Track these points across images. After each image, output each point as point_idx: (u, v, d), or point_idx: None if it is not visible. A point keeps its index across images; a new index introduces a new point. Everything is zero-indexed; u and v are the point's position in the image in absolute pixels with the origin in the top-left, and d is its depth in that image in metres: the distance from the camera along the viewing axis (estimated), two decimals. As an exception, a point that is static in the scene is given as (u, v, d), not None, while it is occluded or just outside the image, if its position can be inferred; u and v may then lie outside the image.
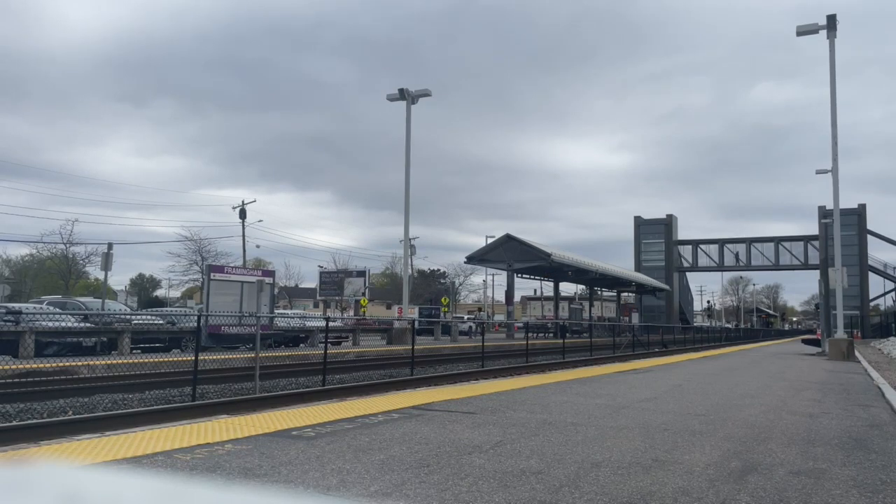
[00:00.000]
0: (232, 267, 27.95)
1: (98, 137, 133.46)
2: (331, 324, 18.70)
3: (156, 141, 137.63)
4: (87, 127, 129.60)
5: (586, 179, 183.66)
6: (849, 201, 69.33)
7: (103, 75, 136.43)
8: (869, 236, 71.83)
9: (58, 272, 65.35)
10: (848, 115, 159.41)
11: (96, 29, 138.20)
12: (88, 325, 20.83)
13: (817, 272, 64.56)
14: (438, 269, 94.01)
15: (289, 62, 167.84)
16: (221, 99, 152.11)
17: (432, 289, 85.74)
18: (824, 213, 61.83)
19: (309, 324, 29.87)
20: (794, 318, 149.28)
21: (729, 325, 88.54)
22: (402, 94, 32.12)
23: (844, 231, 49.52)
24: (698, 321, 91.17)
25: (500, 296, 78.31)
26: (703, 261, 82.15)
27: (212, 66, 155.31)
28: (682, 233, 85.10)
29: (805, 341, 39.55)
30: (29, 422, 9.02)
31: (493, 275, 79.05)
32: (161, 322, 24.35)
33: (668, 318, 74.41)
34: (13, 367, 14.09)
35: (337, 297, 65.50)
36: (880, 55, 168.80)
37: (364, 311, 53.59)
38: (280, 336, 27.25)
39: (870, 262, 71.82)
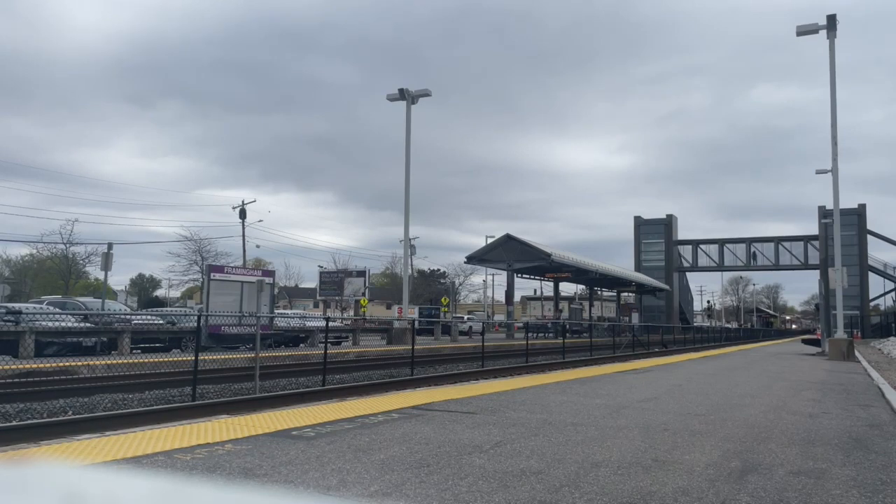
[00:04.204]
0: (232, 267, 27.97)
1: (104, 139, 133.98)
2: (331, 324, 18.70)
3: (161, 142, 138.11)
4: (94, 128, 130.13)
5: (587, 180, 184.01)
6: (849, 201, 69.50)
7: (110, 77, 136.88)
8: (869, 236, 71.82)
9: (58, 272, 65.33)
10: (848, 116, 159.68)
11: (104, 31, 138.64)
12: (88, 325, 20.81)
13: (817, 272, 64.57)
14: (438, 269, 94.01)
15: (292, 64, 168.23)
16: (226, 100, 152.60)
17: (432, 289, 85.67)
18: (824, 213, 61.81)
19: (309, 324, 29.88)
20: (789, 318, 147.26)
21: (729, 325, 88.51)
22: (402, 94, 32.18)
23: (844, 231, 49.52)
24: (698, 321, 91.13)
25: (500, 296, 78.33)
26: (703, 261, 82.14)
27: (217, 69, 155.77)
28: (683, 233, 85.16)
29: (805, 341, 39.55)
30: (29, 422, 9.01)
31: (493, 275, 79.00)
32: (161, 322, 24.35)
33: (668, 318, 74.39)
34: (13, 367, 14.09)
35: (337, 297, 65.49)
36: (880, 56, 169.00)
37: (364, 311, 53.57)
38: (280, 336, 27.24)
39: (870, 262, 71.81)
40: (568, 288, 76.63)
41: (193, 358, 11.87)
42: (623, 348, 29.99)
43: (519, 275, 50.91)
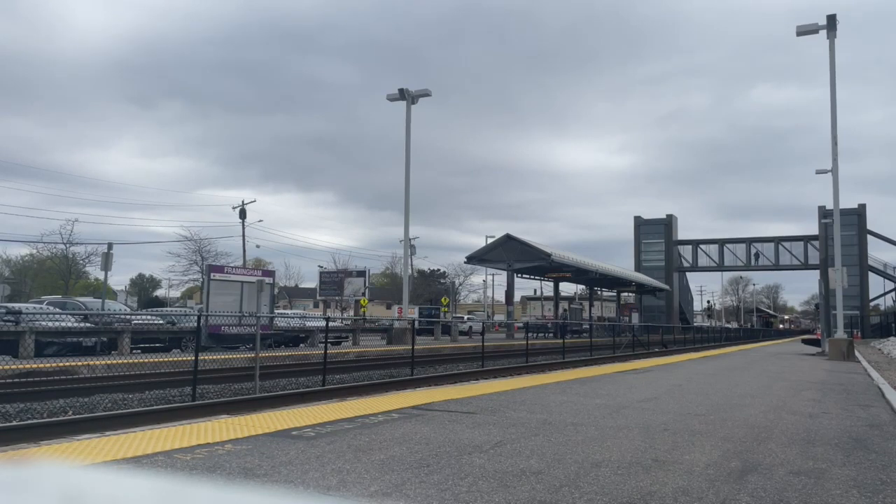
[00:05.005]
0: (232, 267, 27.96)
1: (105, 139, 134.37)
2: (331, 324, 18.69)
3: (161, 142, 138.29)
4: (95, 128, 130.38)
5: (588, 180, 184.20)
6: (849, 201, 69.41)
7: (111, 77, 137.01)
8: (869, 236, 71.76)
9: (58, 272, 65.31)
10: (848, 117, 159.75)
11: (106, 31, 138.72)
12: (88, 325, 20.81)
13: (817, 272, 64.54)
14: (438, 269, 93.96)
15: (293, 64, 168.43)
16: (226, 101, 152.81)
17: (432, 289, 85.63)
18: (824, 213, 61.79)
19: (309, 324, 29.87)
20: (786, 317, 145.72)
21: (729, 326, 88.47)
22: (402, 94, 32.18)
23: (844, 231, 49.47)
24: (698, 321, 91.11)
25: (500, 296, 78.31)
26: (703, 261, 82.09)
27: (218, 69, 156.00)
28: (683, 233, 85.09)
29: (805, 341, 39.55)
30: (29, 422, 9.01)
31: (493, 275, 79.01)
32: (161, 322, 24.35)
33: (668, 318, 74.35)
34: (13, 367, 14.09)
35: (337, 297, 65.50)
36: (880, 56, 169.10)
37: (364, 311, 53.56)
38: (280, 336, 27.24)
39: (870, 262, 71.75)
40: (568, 288, 76.59)
41: (193, 358, 11.87)
42: (623, 348, 29.99)
43: (519, 275, 50.87)
